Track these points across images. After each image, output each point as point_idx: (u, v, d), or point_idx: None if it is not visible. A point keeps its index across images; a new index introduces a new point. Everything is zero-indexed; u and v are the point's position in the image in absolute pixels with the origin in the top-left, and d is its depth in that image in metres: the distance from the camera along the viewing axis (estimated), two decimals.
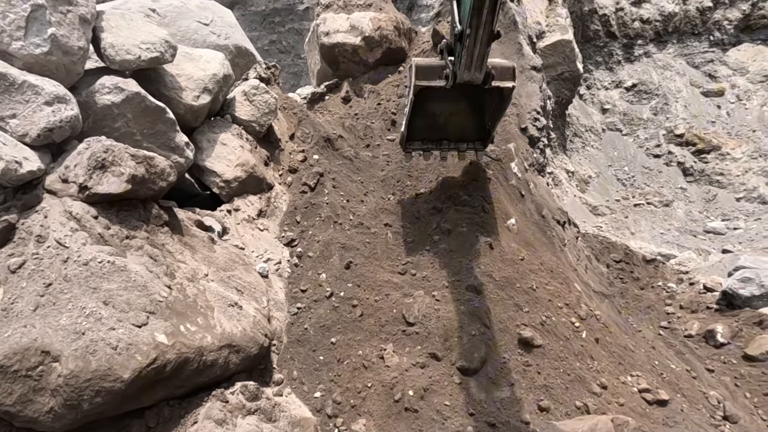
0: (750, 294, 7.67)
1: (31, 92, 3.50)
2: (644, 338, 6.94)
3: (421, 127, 5.59)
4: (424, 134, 5.67)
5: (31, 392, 2.85)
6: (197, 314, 3.67)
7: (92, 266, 3.28)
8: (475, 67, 4.16)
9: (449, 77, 4.45)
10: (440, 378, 4.37)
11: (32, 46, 3.69)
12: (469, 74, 4.24)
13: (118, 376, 2.99)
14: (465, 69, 4.18)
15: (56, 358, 2.89)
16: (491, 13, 3.73)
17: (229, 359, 3.74)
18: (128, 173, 3.59)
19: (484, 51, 4.05)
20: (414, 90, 4.76)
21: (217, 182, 5.40)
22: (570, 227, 8.62)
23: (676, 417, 4.65)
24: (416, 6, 12.49)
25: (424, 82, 4.68)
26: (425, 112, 5.48)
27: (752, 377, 6.34)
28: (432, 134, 5.70)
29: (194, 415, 3.50)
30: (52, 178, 3.57)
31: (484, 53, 4.08)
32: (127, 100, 4.28)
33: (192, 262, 4.05)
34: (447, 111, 5.62)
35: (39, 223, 3.33)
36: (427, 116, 5.55)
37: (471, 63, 4.12)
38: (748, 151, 13.58)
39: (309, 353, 4.60)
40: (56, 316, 3.00)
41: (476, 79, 4.35)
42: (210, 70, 5.30)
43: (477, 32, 3.81)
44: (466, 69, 4.18)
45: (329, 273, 5.26)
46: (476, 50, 3.99)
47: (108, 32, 4.35)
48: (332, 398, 4.29)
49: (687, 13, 16.54)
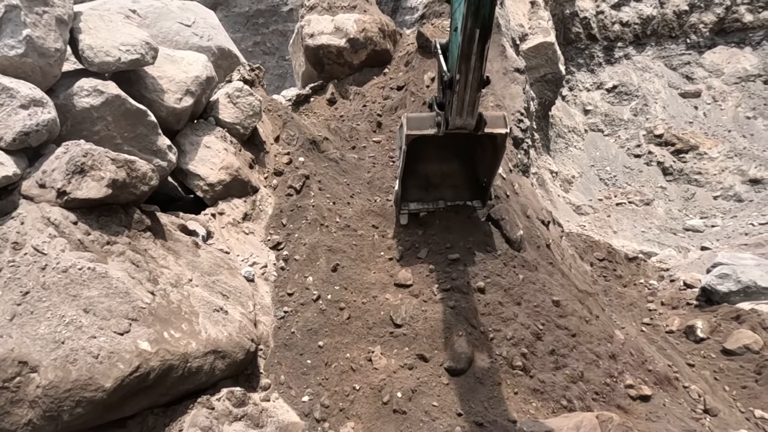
0: (728, 290, 7.89)
1: (5, 95, 3.40)
2: (627, 334, 7.06)
3: (416, 187, 5.57)
4: (419, 195, 5.63)
5: (8, 404, 2.76)
6: (181, 320, 3.61)
7: (72, 273, 3.20)
8: (467, 112, 4.22)
9: (441, 124, 4.46)
10: (428, 379, 4.39)
11: (6, 48, 3.59)
12: (461, 120, 4.28)
13: (99, 385, 2.93)
14: (456, 114, 4.24)
15: (34, 368, 2.81)
16: (479, 60, 3.81)
17: (215, 365, 3.69)
18: (108, 177, 3.52)
19: (474, 96, 4.13)
20: (406, 141, 4.69)
21: (201, 186, 5.33)
22: (555, 227, 8.74)
23: (659, 412, 4.75)
24: (401, 8, 12.56)
25: (416, 131, 4.62)
26: (418, 172, 5.46)
27: (730, 371, 6.52)
28: (427, 195, 5.66)
29: (179, 423, 3.45)
30: (29, 184, 3.47)
31: (474, 98, 4.16)
32: (107, 103, 4.20)
33: (175, 267, 3.98)
34: (440, 171, 5.63)
35: (15, 230, 3.24)
36: (420, 177, 5.54)
37: (462, 108, 4.18)
38: (724, 151, 13.98)
39: (296, 357, 4.56)
40: (34, 325, 2.92)
41: (469, 125, 4.38)
42: (192, 72, 5.23)
43: (467, 77, 3.93)
44: (458, 114, 4.24)
45: (316, 276, 5.24)
46: (467, 95, 4.08)
47: (86, 33, 4.26)
48: (320, 402, 4.26)
49: (664, 17, 16.95)
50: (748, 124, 14.58)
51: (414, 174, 5.43)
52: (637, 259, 10.64)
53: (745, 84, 15.17)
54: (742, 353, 6.66)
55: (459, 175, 5.67)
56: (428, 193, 5.66)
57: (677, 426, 4.60)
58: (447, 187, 5.67)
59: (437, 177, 5.66)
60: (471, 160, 5.56)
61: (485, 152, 5.15)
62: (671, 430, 4.44)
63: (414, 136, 4.65)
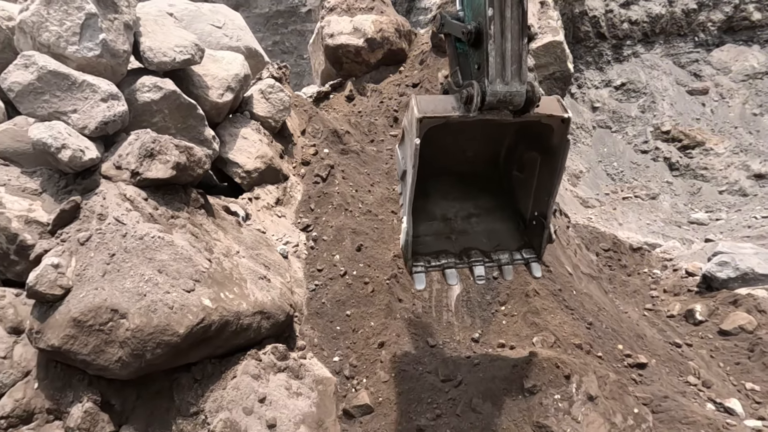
0: (726, 276, 8.29)
1: (89, 90, 4.01)
2: (629, 317, 7.53)
3: (432, 235, 3.78)
4: (437, 246, 3.73)
5: (103, 344, 3.36)
6: (233, 284, 4.19)
7: (146, 240, 3.79)
8: (511, 72, 2.71)
9: (473, 100, 2.75)
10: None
11: (85, 50, 4.19)
12: (504, 85, 2.72)
13: (174, 330, 3.51)
14: (497, 76, 2.71)
15: (123, 315, 3.41)
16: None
17: (261, 324, 4.26)
18: (173, 161, 4.11)
19: (518, 46, 2.72)
20: (418, 130, 2.86)
21: (239, 173, 5.92)
22: (561, 217, 9.21)
23: (653, 377, 5.23)
24: (414, 9, 13.06)
25: (433, 114, 2.87)
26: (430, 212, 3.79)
27: (725, 349, 6.96)
28: (448, 245, 3.76)
29: (233, 371, 4.03)
30: (107, 165, 4.08)
31: (519, 50, 2.73)
32: (165, 98, 4.79)
33: (225, 240, 4.57)
34: (463, 207, 3.91)
35: (99, 204, 3.84)
36: (434, 218, 3.85)
37: (504, 66, 2.70)
38: (730, 147, 14.27)
39: (327, 324, 5.13)
40: (121, 281, 3.52)
41: (517, 95, 2.76)
42: (232, 70, 5.81)
43: (503, 18, 2.63)
44: (499, 76, 2.71)
45: (342, 254, 5.80)
46: (507, 45, 2.69)
47: (146, 36, 4.85)
48: (349, 362, 4.83)
49: (673, 15, 17.23)
50: (755, 121, 14.85)
51: (425, 214, 3.76)
52: (641, 250, 11.05)
53: (753, 81, 15.43)
54: (737, 333, 7.10)
55: (493, 212, 3.90)
56: (449, 242, 3.81)
57: (669, 389, 5.08)
58: (475, 232, 3.90)
59: (459, 216, 3.91)
60: (507, 183, 3.84)
61: (532, 166, 3.42)
62: (663, 390, 4.92)
63: (431, 122, 2.86)
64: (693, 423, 4.27)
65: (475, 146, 3.65)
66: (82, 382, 3.51)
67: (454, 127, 3.15)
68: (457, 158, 3.69)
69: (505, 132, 3.56)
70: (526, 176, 3.54)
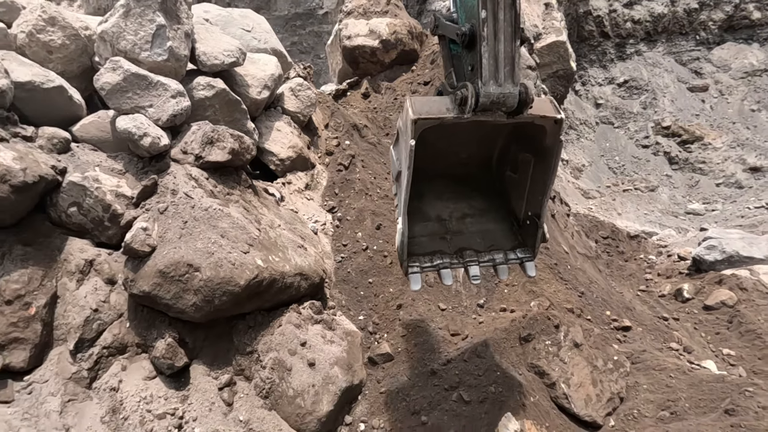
0: (714, 259, 9.02)
1: (162, 89, 4.86)
2: (621, 294, 8.29)
3: (427, 235, 3.94)
4: (432, 246, 3.88)
5: (181, 291, 4.21)
6: (278, 250, 5.03)
7: (210, 211, 4.64)
8: (504, 73, 2.82)
9: (467, 101, 2.84)
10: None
11: (155, 55, 5.04)
12: (497, 86, 2.83)
13: (236, 282, 4.36)
14: (491, 78, 2.81)
15: (197, 269, 4.26)
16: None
17: (300, 284, 5.10)
18: (229, 147, 4.96)
19: (511, 48, 2.81)
20: (413, 130, 2.93)
21: (274, 160, 6.76)
22: (562, 205, 9.96)
23: (636, 338, 6.00)
24: (425, 12, 13.81)
25: (427, 116, 2.93)
26: (425, 213, 3.94)
27: (708, 322, 7.70)
28: (443, 245, 3.91)
29: (279, 320, 4.87)
30: (176, 150, 4.93)
31: (512, 52, 2.83)
32: (216, 95, 5.64)
33: (269, 215, 5.42)
34: (457, 208, 4.05)
35: (171, 182, 4.70)
36: (429, 218, 4.00)
37: (497, 67, 2.80)
38: (728, 141, 14.86)
39: (352, 289, 5.96)
40: (194, 242, 4.37)
41: (510, 96, 2.86)
42: (268, 70, 6.64)
43: (496, 20, 2.73)
44: (492, 78, 2.81)
45: (364, 232, 6.62)
46: (501, 47, 2.78)
47: (200, 42, 5.70)
48: (372, 320, 5.65)
49: (675, 14, 17.78)
50: (752, 117, 15.41)
51: (420, 215, 3.91)
52: (638, 237, 11.77)
53: (752, 78, 15.97)
54: (719, 308, 7.83)
55: (487, 212, 4.03)
56: (444, 242, 3.96)
57: (650, 347, 5.84)
58: (470, 232, 4.02)
59: (454, 217, 4.05)
60: (500, 184, 3.96)
61: (525, 167, 3.53)
62: (643, 347, 5.68)
63: (426, 123, 2.93)
64: (664, 369, 5.04)
65: (469, 148, 3.71)
66: (163, 323, 4.37)
67: (448, 129, 3.20)
68: (451, 160, 3.74)
69: (498, 133, 3.67)
70: (520, 177, 3.62)
